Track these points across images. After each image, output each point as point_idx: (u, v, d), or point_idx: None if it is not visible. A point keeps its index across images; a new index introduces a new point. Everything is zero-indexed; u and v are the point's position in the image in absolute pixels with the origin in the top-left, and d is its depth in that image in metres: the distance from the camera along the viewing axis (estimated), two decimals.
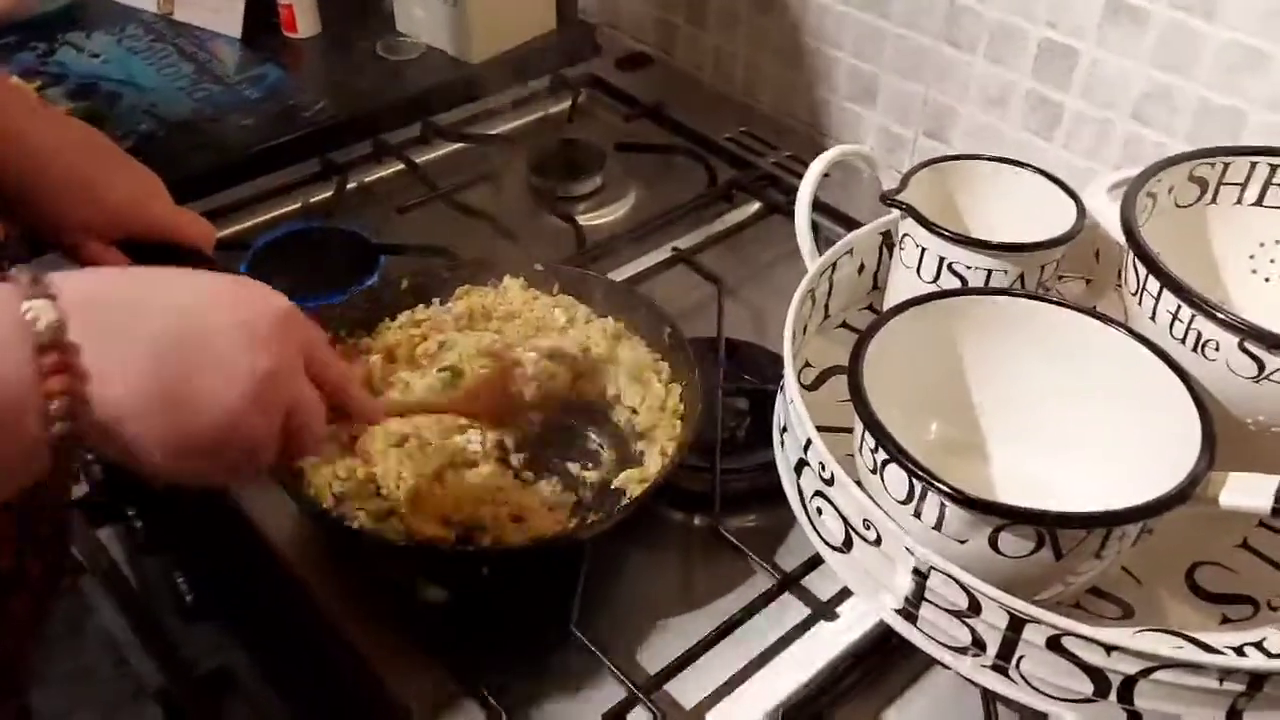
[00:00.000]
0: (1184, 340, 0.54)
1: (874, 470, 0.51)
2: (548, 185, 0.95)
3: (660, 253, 0.89)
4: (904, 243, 0.66)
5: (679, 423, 0.67)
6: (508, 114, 1.08)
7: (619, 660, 0.58)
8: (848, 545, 0.54)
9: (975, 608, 0.48)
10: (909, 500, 0.49)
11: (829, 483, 0.53)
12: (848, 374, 0.53)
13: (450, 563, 0.62)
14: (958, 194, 0.69)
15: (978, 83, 0.89)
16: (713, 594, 0.63)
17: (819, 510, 0.55)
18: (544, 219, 0.93)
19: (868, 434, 0.50)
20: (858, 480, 0.53)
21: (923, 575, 0.49)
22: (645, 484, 0.63)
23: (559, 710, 0.57)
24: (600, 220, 0.94)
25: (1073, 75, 0.82)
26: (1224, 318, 0.52)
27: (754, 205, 0.95)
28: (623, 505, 0.63)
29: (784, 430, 0.60)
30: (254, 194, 0.93)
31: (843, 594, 0.61)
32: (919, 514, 0.49)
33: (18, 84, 1.02)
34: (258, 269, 0.83)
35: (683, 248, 0.89)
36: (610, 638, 0.60)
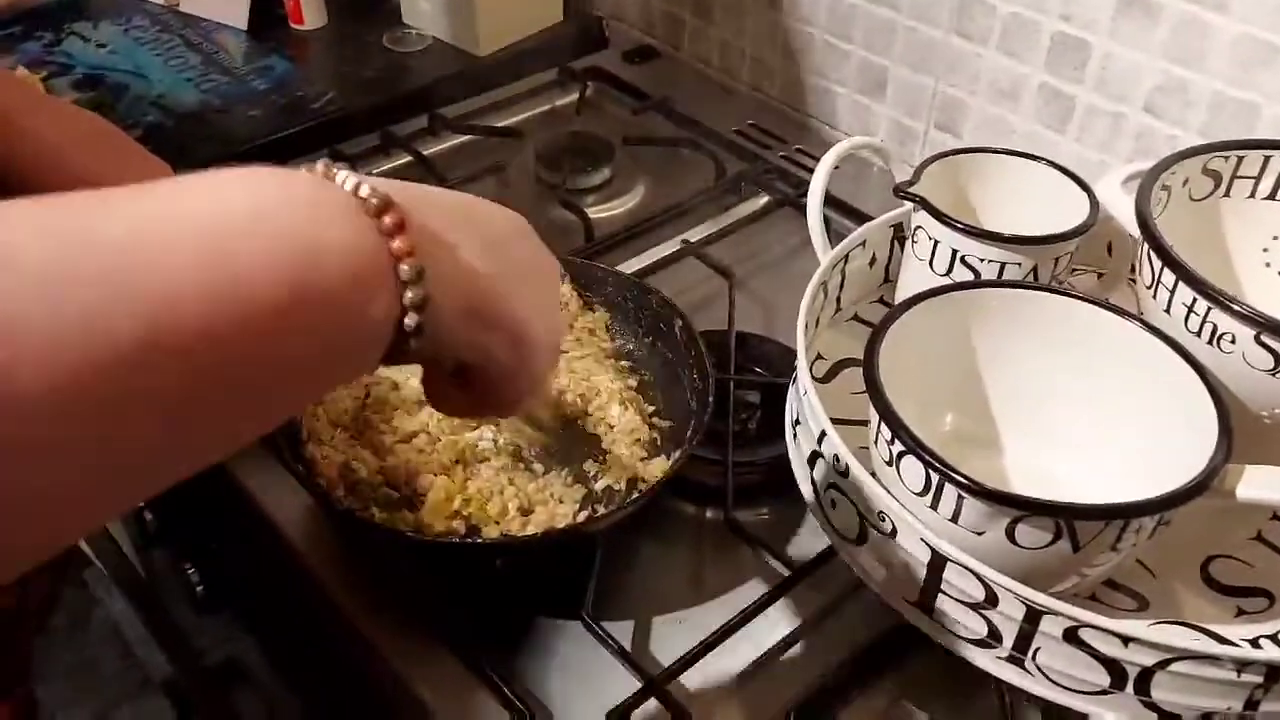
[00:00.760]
0: (1199, 333, 0.54)
1: (889, 462, 0.51)
2: (556, 178, 0.95)
3: (669, 245, 0.88)
4: (916, 235, 0.66)
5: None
6: (515, 107, 1.08)
7: (631, 652, 0.58)
8: (862, 538, 0.54)
9: (992, 599, 0.48)
10: (925, 492, 0.49)
11: (843, 475, 0.53)
12: (863, 366, 0.52)
13: (463, 554, 0.62)
14: (970, 187, 0.69)
15: (989, 75, 0.88)
16: (725, 587, 0.63)
17: (833, 503, 0.55)
18: (552, 211, 0.93)
19: (884, 426, 0.50)
20: (872, 472, 0.52)
21: (939, 567, 0.49)
22: (655, 477, 0.63)
23: (571, 702, 0.57)
24: (609, 213, 0.94)
25: (1086, 68, 0.82)
26: (1241, 310, 0.51)
27: (763, 198, 0.95)
28: (633, 498, 0.62)
29: (797, 423, 0.59)
30: None
31: (856, 587, 0.61)
32: (935, 506, 0.49)
33: (23, 76, 1.02)
34: None
35: (692, 240, 0.89)
36: (622, 630, 0.60)
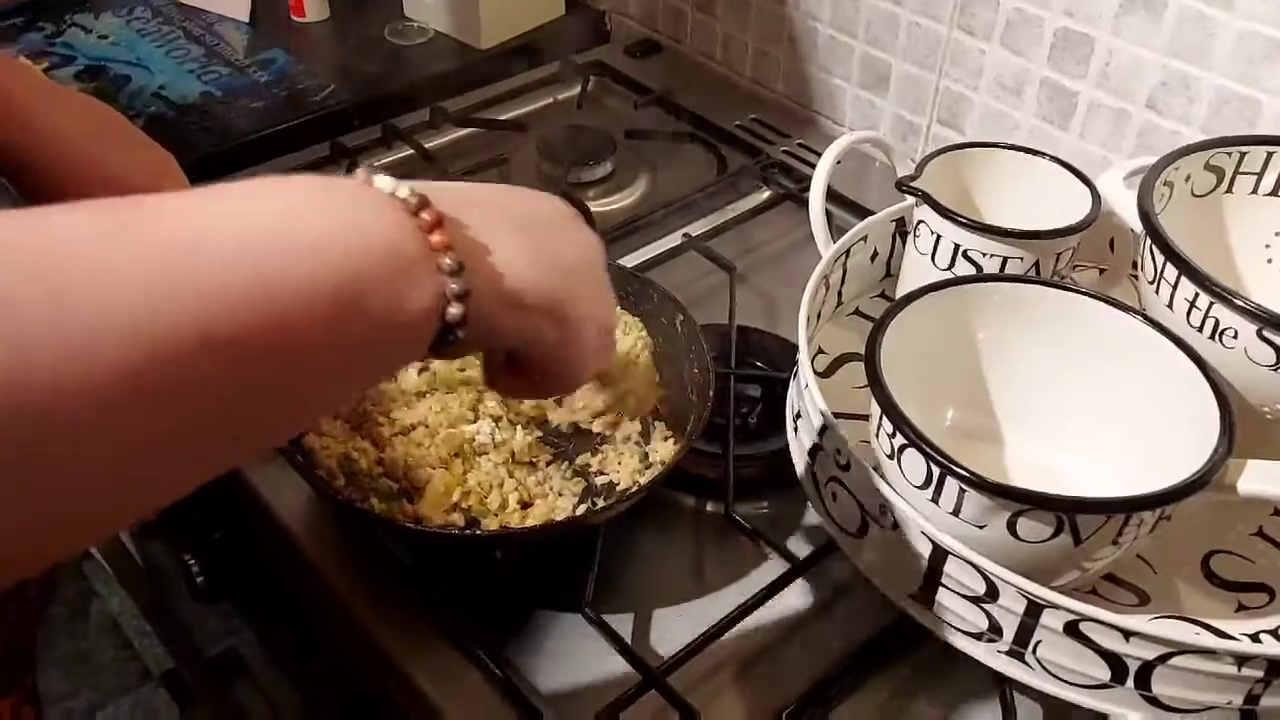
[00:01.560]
0: (1201, 328, 0.54)
1: (891, 455, 0.51)
2: (557, 171, 0.95)
3: (671, 239, 0.88)
4: (919, 229, 0.66)
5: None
6: (517, 100, 1.07)
7: (631, 645, 0.58)
8: (863, 531, 0.54)
9: (993, 593, 0.48)
10: (926, 485, 0.49)
11: (844, 468, 0.53)
12: (865, 359, 0.52)
13: (463, 546, 0.62)
14: (972, 182, 0.69)
15: (992, 70, 0.88)
16: (725, 580, 0.63)
17: (834, 496, 0.55)
18: None
19: (886, 419, 0.50)
20: (873, 466, 0.52)
21: (939, 560, 0.49)
22: (655, 470, 0.63)
23: (571, 693, 0.57)
24: (610, 206, 0.94)
25: (1089, 64, 0.82)
26: (1243, 305, 0.51)
27: (765, 193, 0.95)
28: (632, 491, 0.62)
29: (798, 416, 0.59)
30: None
31: (856, 580, 0.61)
32: (937, 499, 0.49)
33: (26, 64, 1.01)
34: None
35: (694, 234, 0.88)
36: (622, 622, 0.60)
